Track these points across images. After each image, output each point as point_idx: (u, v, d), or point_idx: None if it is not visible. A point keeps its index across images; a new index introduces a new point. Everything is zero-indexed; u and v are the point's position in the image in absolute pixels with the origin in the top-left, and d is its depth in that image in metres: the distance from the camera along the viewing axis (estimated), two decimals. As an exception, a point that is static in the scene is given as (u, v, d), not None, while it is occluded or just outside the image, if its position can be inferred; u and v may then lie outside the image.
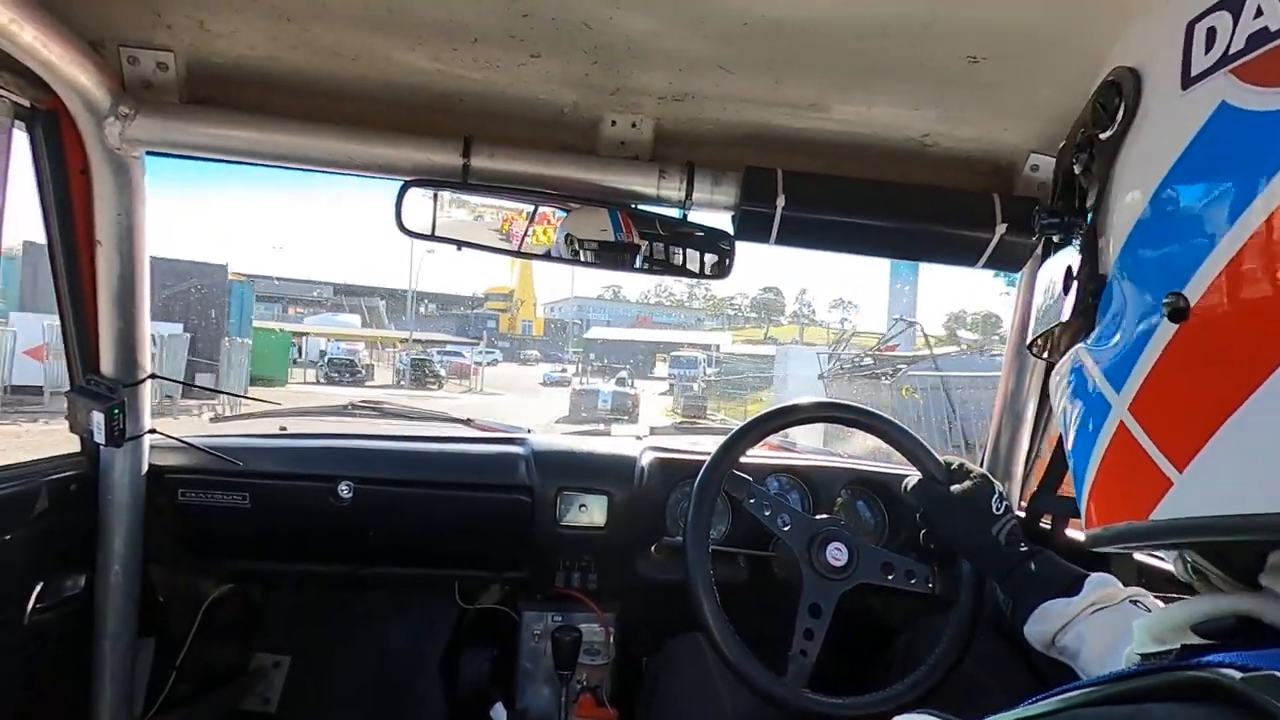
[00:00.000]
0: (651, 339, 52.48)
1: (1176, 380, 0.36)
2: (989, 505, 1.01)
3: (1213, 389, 0.34)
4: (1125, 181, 0.41)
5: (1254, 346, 0.32)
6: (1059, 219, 0.47)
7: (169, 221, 20.75)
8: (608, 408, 14.28)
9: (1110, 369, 0.40)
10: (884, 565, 1.14)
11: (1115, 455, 0.40)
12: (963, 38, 0.86)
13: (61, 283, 1.14)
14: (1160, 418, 0.37)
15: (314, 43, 0.97)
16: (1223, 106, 0.34)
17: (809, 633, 1.10)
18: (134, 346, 1.19)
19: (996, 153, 1.16)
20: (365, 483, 1.41)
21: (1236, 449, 0.33)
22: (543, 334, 60.12)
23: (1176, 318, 0.35)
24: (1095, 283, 0.42)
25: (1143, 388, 0.37)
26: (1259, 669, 0.27)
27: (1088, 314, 0.43)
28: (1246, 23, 0.34)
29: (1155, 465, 0.36)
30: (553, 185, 1.12)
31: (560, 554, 1.49)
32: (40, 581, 1.14)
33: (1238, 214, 0.33)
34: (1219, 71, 0.35)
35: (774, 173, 1.11)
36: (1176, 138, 0.37)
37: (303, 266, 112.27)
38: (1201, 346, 0.35)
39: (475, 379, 26.93)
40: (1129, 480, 0.39)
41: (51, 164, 1.07)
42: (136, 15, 0.95)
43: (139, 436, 1.24)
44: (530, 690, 1.49)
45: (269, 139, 1.06)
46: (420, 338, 32.93)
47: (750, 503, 1.16)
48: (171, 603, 1.45)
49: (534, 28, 0.90)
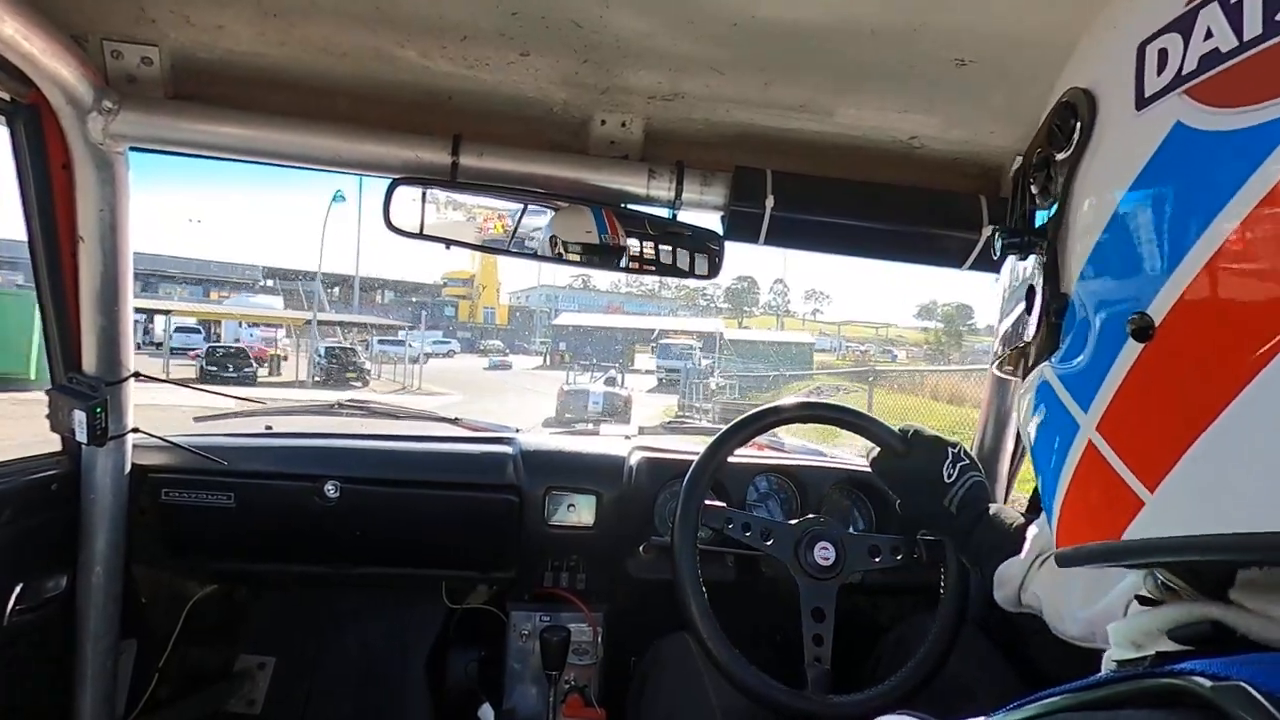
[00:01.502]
0: (632, 325, 43.97)
1: (1144, 399, 0.36)
2: (940, 474, 1.01)
3: (1181, 408, 0.33)
4: (1084, 202, 0.41)
5: (1220, 366, 0.32)
6: (1019, 239, 0.46)
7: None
8: (599, 409, 13.81)
9: (1077, 388, 0.40)
10: (870, 550, 1.15)
11: (1085, 474, 0.39)
12: (950, 41, 0.87)
13: (43, 279, 1.12)
14: (1129, 437, 0.36)
15: (301, 39, 0.97)
16: (1178, 127, 0.35)
17: (818, 638, 1.10)
18: (117, 344, 1.17)
19: (983, 155, 1.17)
20: (352, 482, 1.40)
21: (1207, 468, 0.32)
22: (507, 323, 53.61)
23: (1141, 337, 0.35)
24: (1058, 301, 0.42)
25: (1110, 407, 0.37)
26: (1229, 678, 0.28)
27: (1052, 333, 0.43)
28: (1198, 44, 0.34)
29: (1126, 485, 0.36)
30: (542, 184, 1.11)
31: (548, 554, 1.49)
32: (20, 582, 1.13)
33: (1198, 233, 0.33)
34: (1172, 93, 0.35)
35: (763, 173, 1.11)
36: (1133, 158, 0.37)
37: (233, 248, 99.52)
38: (1168, 366, 0.34)
39: (412, 374, 22.20)
40: (1100, 500, 0.38)
41: (33, 159, 1.05)
42: (120, 8, 0.93)
43: (122, 435, 1.22)
44: (518, 690, 1.48)
45: (255, 135, 1.05)
46: (330, 319, 25.84)
47: (730, 529, 1.15)
48: (154, 603, 1.43)
49: (523, 26, 0.90)
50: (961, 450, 1.04)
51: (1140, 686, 0.31)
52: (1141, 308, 0.35)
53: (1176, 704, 0.29)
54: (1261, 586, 0.34)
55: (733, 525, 1.15)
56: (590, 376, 16.84)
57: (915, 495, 1.04)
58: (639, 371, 30.30)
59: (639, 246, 1.15)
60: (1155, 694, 0.30)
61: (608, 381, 16.35)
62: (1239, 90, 0.32)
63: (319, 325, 21.73)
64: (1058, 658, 0.87)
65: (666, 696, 1.24)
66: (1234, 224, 0.31)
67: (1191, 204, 0.33)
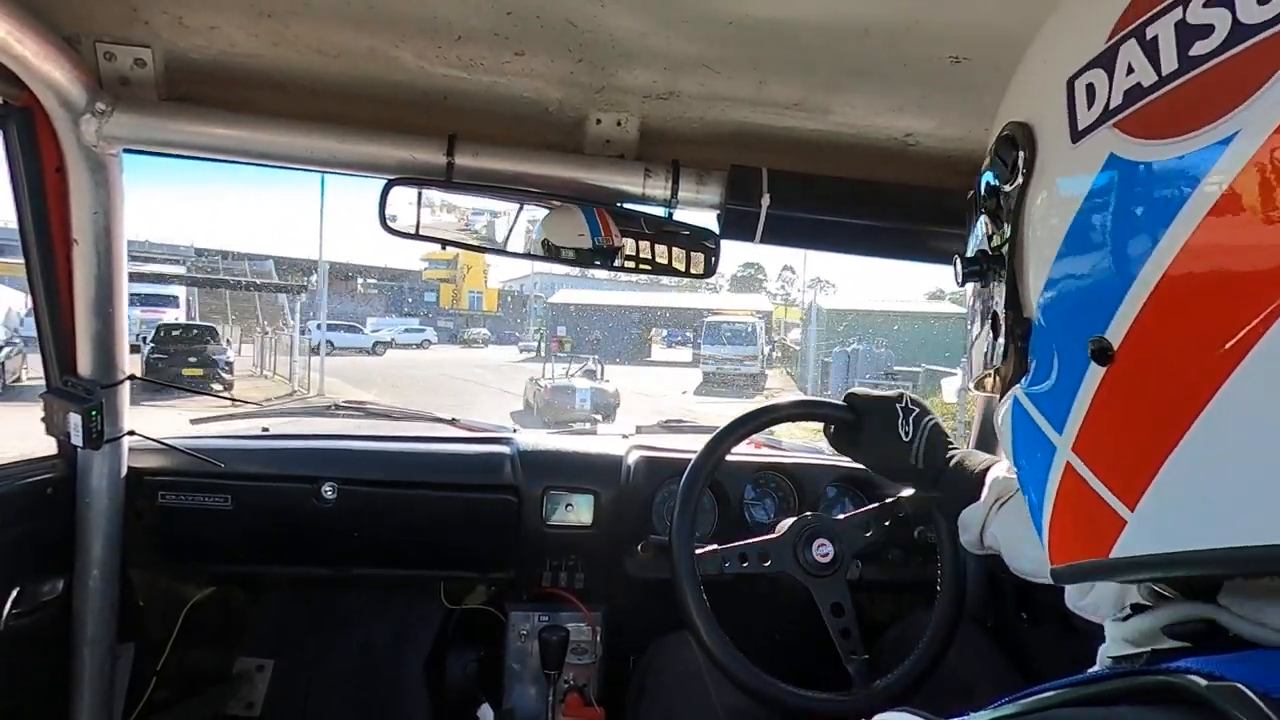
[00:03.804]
0: (656, 304, 32.78)
1: (1114, 419, 0.36)
2: (897, 432, 1.01)
3: (1150, 427, 0.34)
4: (1034, 230, 0.41)
5: (1182, 384, 0.32)
6: (978, 266, 0.47)
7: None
8: (588, 408, 13.04)
9: (1049, 410, 0.40)
10: (861, 526, 1.15)
11: (1066, 495, 0.40)
12: (945, 38, 0.87)
13: (37, 282, 1.12)
14: (1105, 457, 0.37)
15: (295, 39, 0.96)
16: (1111, 158, 0.35)
17: (845, 632, 1.10)
18: (111, 347, 1.17)
19: (978, 152, 1.16)
20: (349, 483, 1.40)
21: (1181, 485, 0.33)
22: (496, 309, 44.29)
23: (1101, 360, 0.35)
24: (1021, 326, 0.43)
25: (1083, 428, 0.37)
26: (1224, 678, 0.28)
27: (1019, 356, 0.43)
28: (1121, 79, 0.35)
29: (1107, 504, 0.36)
30: (538, 184, 1.11)
31: (547, 553, 1.49)
32: (16, 587, 1.12)
33: (1143, 258, 0.33)
34: (1103, 126, 0.36)
35: (759, 172, 1.11)
36: (1075, 189, 0.37)
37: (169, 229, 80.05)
38: (1131, 387, 0.35)
39: (307, 370, 14.14)
40: (1084, 519, 0.39)
41: (26, 162, 1.05)
42: (113, 10, 0.93)
43: (118, 438, 1.22)
44: (517, 690, 1.48)
45: (250, 137, 1.04)
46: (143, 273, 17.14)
47: (727, 569, 1.14)
48: (152, 607, 1.43)
49: (518, 25, 0.90)
50: (908, 399, 1.05)
51: (1136, 683, 0.32)
52: (1099, 332, 0.36)
53: (1172, 701, 0.29)
54: (1248, 592, 0.34)
55: (729, 564, 1.14)
56: (566, 370, 15.58)
57: (883, 460, 1.06)
58: (656, 363, 25.37)
59: (635, 246, 1.15)
60: (1151, 691, 0.31)
61: (586, 374, 15.29)
62: (1164, 123, 0.33)
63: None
64: (1054, 652, 0.87)
65: (666, 696, 1.24)
66: (1177, 247, 0.32)
67: (1134, 231, 0.34)
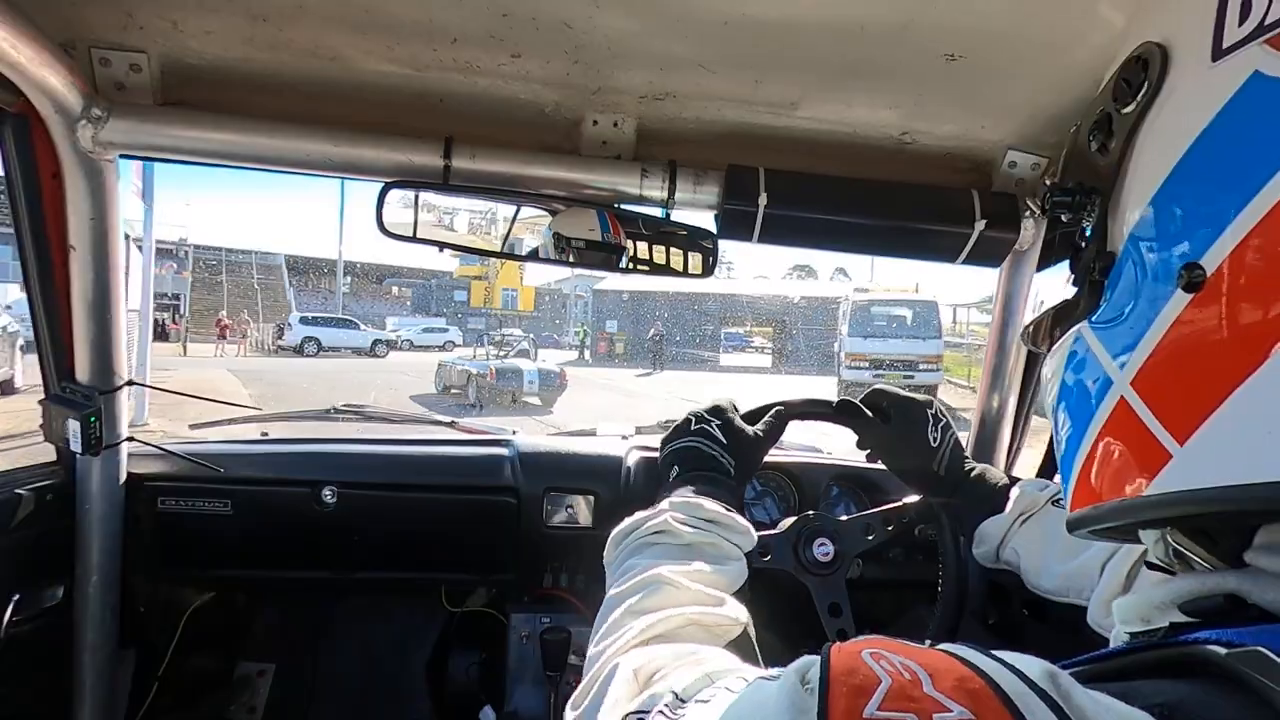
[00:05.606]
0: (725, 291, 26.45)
1: (1183, 352, 0.36)
2: (925, 438, 1.02)
3: (1220, 361, 0.34)
4: (1146, 155, 0.41)
5: (1264, 317, 0.33)
6: (1070, 196, 0.47)
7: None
8: (536, 388, 11.47)
9: (1115, 344, 0.41)
10: (864, 528, 1.15)
11: (1112, 430, 0.40)
12: (940, 36, 0.87)
13: (34, 289, 1.11)
14: (1163, 391, 0.37)
15: (290, 44, 0.96)
16: (1255, 76, 0.35)
17: (842, 633, 1.10)
18: (110, 352, 1.17)
19: (975, 149, 1.17)
20: (349, 487, 1.40)
21: (1241, 420, 0.33)
22: (533, 307, 39.99)
23: (1191, 288, 0.36)
24: (1104, 260, 0.43)
25: (1148, 362, 0.38)
26: (1245, 645, 0.28)
27: (1094, 291, 0.43)
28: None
29: (1155, 439, 0.36)
30: (535, 185, 1.11)
31: (547, 555, 1.49)
32: (17, 594, 1.12)
33: (1262, 182, 0.33)
34: (1253, 42, 0.36)
35: (756, 171, 1.11)
36: (1203, 109, 0.37)
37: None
38: (1212, 317, 0.35)
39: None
40: (1125, 456, 0.39)
41: (22, 168, 1.05)
42: (107, 16, 0.93)
43: (116, 444, 1.22)
44: (519, 692, 1.48)
45: (246, 141, 1.04)
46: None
47: None
48: (152, 612, 1.43)
49: (514, 28, 0.90)
50: (939, 409, 1.05)
51: (1153, 657, 0.31)
52: (1194, 258, 0.36)
53: (1192, 674, 0.29)
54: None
55: None
56: (474, 353, 13.65)
57: (908, 461, 1.06)
58: (730, 370, 19.77)
59: (634, 247, 1.15)
60: (1169, 663, 0.31)
61: (520, 354, 14.20)
62: None
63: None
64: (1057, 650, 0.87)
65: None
66: None
67: (1259, 153, 0.34)
